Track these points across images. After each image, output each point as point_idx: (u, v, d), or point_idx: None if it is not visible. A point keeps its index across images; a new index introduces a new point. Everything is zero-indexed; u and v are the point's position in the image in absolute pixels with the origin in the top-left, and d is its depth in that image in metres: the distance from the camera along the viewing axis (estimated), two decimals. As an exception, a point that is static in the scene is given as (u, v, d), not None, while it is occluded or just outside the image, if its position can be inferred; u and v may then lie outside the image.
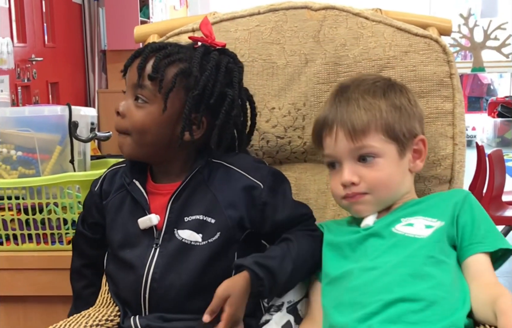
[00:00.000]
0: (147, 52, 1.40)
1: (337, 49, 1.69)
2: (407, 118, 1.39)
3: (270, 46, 1.72)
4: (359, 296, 1.25)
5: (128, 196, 1.47)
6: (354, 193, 1.36)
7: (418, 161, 1.42)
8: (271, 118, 1.71)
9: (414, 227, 1.32)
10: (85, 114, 2.04)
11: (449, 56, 1.65)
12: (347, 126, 1.35)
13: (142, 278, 1.39)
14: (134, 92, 1.40)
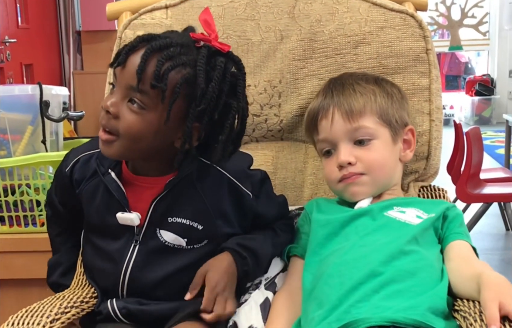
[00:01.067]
0: (147, 52, 1.23)
1: (312, 25, 1.67)
2: (398, 106, 1.44)
3: (245, 22, 1.70)
4: (347, 270, 1.25)
5: (103, 185, 1.38)
6: (352, 173, 1.38)
7: (408, 151, 1.47)
8: (247, 95, 1.67)
9: (405, 214, 1.35)
10: (56, 93, 2.01)
11: (425, 31, 1.64)
12: (344, 107, 1.39)
13: (121, 272, 1.35)
14: (128, 93, 1.25)
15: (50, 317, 1.25)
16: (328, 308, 1.21)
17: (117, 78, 1.28)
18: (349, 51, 1.64)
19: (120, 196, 1.35)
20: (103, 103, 1.26)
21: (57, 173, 1.49)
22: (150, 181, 1.35)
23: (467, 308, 1.20)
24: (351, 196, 1.41)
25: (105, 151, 1.29)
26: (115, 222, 1.35)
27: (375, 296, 1.19)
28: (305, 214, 1.51)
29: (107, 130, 1.27)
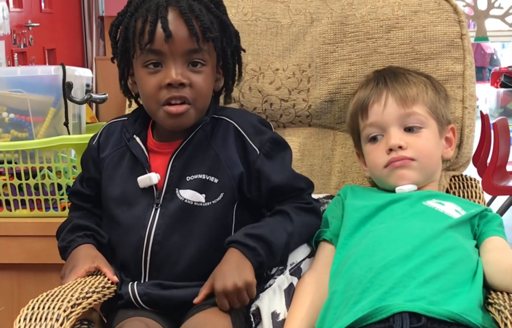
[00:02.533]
0: (187, 12, 1.31)
1: (344, 8, 1.63)
2: (444, 103, 1.47)
3: (274, 4, 1.66)
4: (379, 251, 1.24)
5: (128, 152, 1.42)
6: (402, 156, 1.38)
7: (449, 149, 1.49)
8: (275, 80, 1.65)
9: (444, 206, 1.34)
10: (80, 75, 1.98)
11: (460, 16, 1.60)
12: (398, 93, 1.41)
13: (144, 240, 1.35)
14: (187, 58, 1.32)
15: (71, 302, 1.22)
16: (359, 290, 1.20)
17: (164, 52, 1.31)
18: (381, 36, 1.60)
19: (143, 159, 1.39)
20: (168, 80, 1.30)
21: (83, 155, 1.51)
22: (171, 146, 1.39)
23: (502, 301, 1.18)
24: (397, 179, 1.39)
25: (181, 123, 1.35)
26: (135, 188, 1.38)
27: (411, 283, 1.17)
28: (338, 198, 1.49)
29: (179, 102, 1.32)
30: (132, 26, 1.34)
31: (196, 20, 1.31)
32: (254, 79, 1.65)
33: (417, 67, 1.57)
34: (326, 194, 1.63)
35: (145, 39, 1.31)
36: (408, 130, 1.40)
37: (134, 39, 1.34)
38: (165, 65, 1.32)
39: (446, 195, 1.47)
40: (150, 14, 1.31)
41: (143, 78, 1.34)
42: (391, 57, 1.59)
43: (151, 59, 1.32)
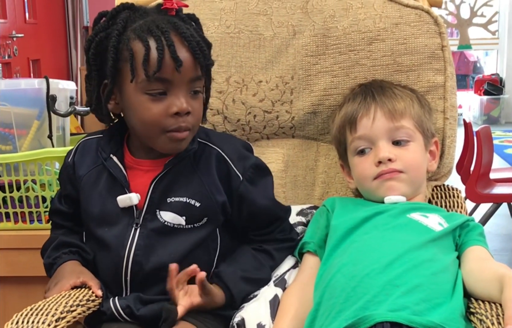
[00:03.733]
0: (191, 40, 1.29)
1: (326, 20, 1.64)
2: (429, 117, 1.51)
3: (257, 17, 1.67)
4: (363, 260, 1.25)
5: (105, 172, 1.39)
6: (392, 168, 1.40)
7: (433, 162, 1.51)
8: (258, 91, 1.66)
9: (428, 219, 1.36)
10: (63, 88, 1.98)
11: (441, 28, 1.61)
12: (386, 107, 1.43)
13: (123, 259, 1.34)
14: (190, 86, 1.30)
15: (55, 316, 1.22)
16: (343, 299, 1.20)
17: (172, 81, 1.27)
18: (363, 48, 1.61)
19: (122, 178, 1.36)
20: (176, 109, 1.28)
21: (60, 172, 1.50)
22: (149, 164, 1.37)
23: (484, 311, 1.18)
24: (386, 190, 1.41)
25: (180, 148, 1.34)
26: (114, 207, 1.36)
27: (394, 291, 1.17)
28: (323, 209, 1.50)
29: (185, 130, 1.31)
30: (128, 50, 1.28)
31: (197, 46, 1.29)
32: (238, 91, 1.66)
33: (399, 79, 1.58)
34: (310, 205, 1.64)
35: (153, 67, 1.25)
36: (396, 143, 1.42)
37: (135, 64, 1.27)
38: (171, 93, 1.28)
39: (431, 206, 1.49)
40: (151, 38, 1.26)
41: (143, 104, 1.29)
42: (373, 69, 1.60)
43: (157, 88, 1.28)
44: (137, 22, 1.30)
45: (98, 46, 1.32)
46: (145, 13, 1.33)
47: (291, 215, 1.55)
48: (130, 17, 1.31)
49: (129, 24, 1.30)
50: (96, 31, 1.33)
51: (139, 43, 1.26)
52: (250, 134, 1.68)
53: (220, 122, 1.67)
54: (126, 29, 1.29)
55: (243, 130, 1.68)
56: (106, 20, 1.33)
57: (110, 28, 1.31)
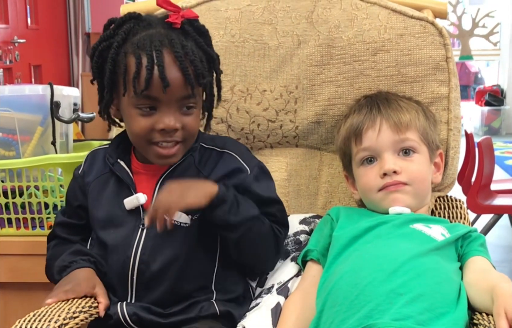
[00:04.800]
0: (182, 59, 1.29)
1: (330, 30, 1.64)
2: (434, 129, 1.51)
3: (262, 26, 1.67)
4: (367, 268, 1.26)
5: (113, 177, 1.43)
6: (396, 181, 1.41)
7: (437, 174, 1.52)
8: (262, 100, 1.66)
9: (431, 229, 1.36)
10: (67, 94, 1.98)
11: (445, 39, 1.61)
12: (392, 120, 1.43)
13: (130, 259, 1.36)
14: (181, 104, 1.32)
15: (58, 322, 1.23)
16: (346, 307, 1.21)
17: (160, 99, 1.30)
18: (368, 58, 1.61)
19: (128, 180, 1.40)
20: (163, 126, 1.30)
21: (69, 187, 1.52)
22: (156, 168, 1.40)
23: (487, 322, 1.18)
24: (391, 202, 1.41)
25: (170, 162, 1.37)
26: (121, 210, 1.39)
27: (398, 300, 1.18)
28: (327, 218, 1.50)
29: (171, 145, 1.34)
30: (123, 63, 1.31)
31: (190, 65, 1.30)
32: (242, 100, 1.66)
33: (403, 90, 1.59)
34: (313, 214, 1.64)
35: (142, 85, 1.28)
36: (401, 155, 1.43)
37: (127, 79, 1.31)
38: (159, 110, 1.31)
39: (434, 218, 1.48)
40: (144, 55, 1.28)
41: (134, 117, 1.33)
42: (377, 79, 1.60)
43: (146, 104, 1.31)
44: (138, 34, 1.32)
45: (101, 55, 1.36)
46: (149, 24, 1.34)
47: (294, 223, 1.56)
48: (133, 29, 1.33)
49: (130, 37, 1.32)
50: (101, 39, 1.37)
51: (133, 58, 1.29)
52: (253, 143, 1.68)
53: (224, 130, 1.67)
54: (126, 42, 1.32)
55: (247, 139, 1.68)
56: (111, 29, 1.35)
57: (114, 38, 1.34)
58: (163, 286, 1.35)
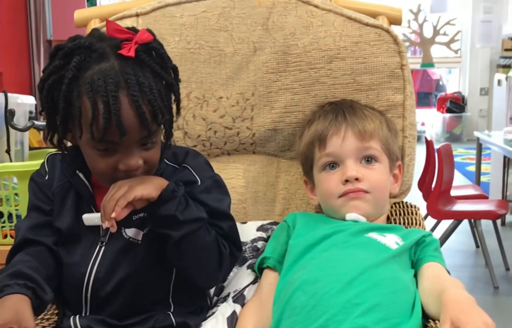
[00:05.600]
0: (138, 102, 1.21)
1: (286, 38, 1.64)
2: (395, 140, 1.53)
3: (218, 33, 1.66)
4: (324, 278, 1.26)
5: (72, 189, 1.38)
6: (358, 188, 1.41)
7: (395, 185, 1.54)
8: (219, 107, 1.65)
9: (386, 238, 1.36)
10: (22, 102, 1.96)
11: (400, 47, 1.62)
12: (357, 127, 1.45)
13: (84, 276, 1.33)
14: (140, 143, 1.26)
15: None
16: (303, 317, 1.21)
17: (117, 142, 1.23)
18: (323, 66, 1.62)
19: (88, 196, 1.36)
20: (124, 167, 1.25)
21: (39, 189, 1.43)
22: None
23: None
24: (350, 209, 1.42)
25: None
26: (80, 225, 1.32)
27: (354, 310, 1.18)
28: (284, 225, 1.50)
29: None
30: (77, 106, 1.22)
31: (148, 104, 1.23)
32: (198, 107, 1.66)
33: (359, 98, 1.59)
34: (270, 221, 1.64)
35: (99, 132, 1.21)
36: (363, 163, 1.44)
37: (82, 122, 1.23)
38: (119, 151, 1.25)
39: (389, 226, 1.49)
40: (100, 101, 1.20)
41: (93, 157, 1.27)
42: (333, 87, 1.61)
43: (104, 147, 1.24)
44: (90, 69, 1.22)
45: (50, 89, 1.26)
46: (101, 56, 1.24)
47: (251, 230, 1.55)
48: (84, 61, 1.23)
49: (82, 72, 1.23)
50: (49, 72, 1.27)
51: (87, 102, 1.21)
52: (210, 150, 1.68)
53: (181, 137, 1.67)
54: (78, 78, 1.23)
55: (204, 146, 1.67)
56: (60, 60, 1.25)
57: (64, 69, 1.24)
58: (119, 301, 1.33)
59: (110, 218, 1.20)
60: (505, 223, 4.64)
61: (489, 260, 3.63)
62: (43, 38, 5.77)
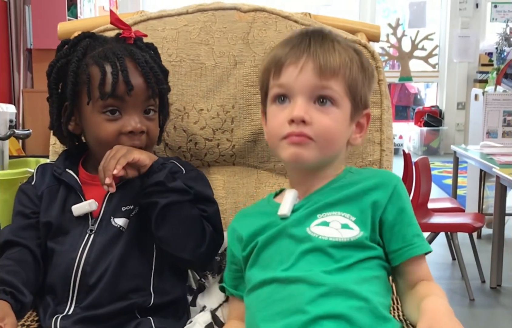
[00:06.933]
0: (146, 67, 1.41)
1: (266, 51, 1.66)
2: (367, 84, 1.31)
3: (199, 46, 1.69)
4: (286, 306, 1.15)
5: (61, 187, 1.45)
6: (302, 132, 1.22)
7: (358, 136, 1.33)
8: (199, 119, 1.67)
9: (329, 227, 1.21)
10: (3, 111, 1.96)
11: (378, 62, 1.66)
12: (318, 61, 1.23)
13: (74, 261, 1.37)
14: (144, 106, 1.43)
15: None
16: None
17: (125, 100, 1.39)
18: (302, 79, 1.63)
19: (77, 187, 1.44)
20: (130, 128, 1.39)
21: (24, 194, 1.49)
22: None
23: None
24: (291, 156, 1.24)
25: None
26: (70, 217, 1.41)
27: None
28: (229, 244, 1.39)
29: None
30: (85, 73, 1.39)
31: (150, 71, 1.42)
32: (179, 119, 1.68)
33: (336, 111, 1.60)
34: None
35: (107, 90, 1.37)
36: (317, 104, 1.23)
37: (91, 87, 1.38)
38: (125, 112, 1.40)
39: (332, 197, 1.26)
40: (107, 64, 1.37)
41: (100, 124, 1.40)
42: (311, 100, 1.63)
43: (112, 106, 1.39)
44: (96, 49, 1.41)
45: (59, 71, 1.45)
46: (105, 41, 1.45)
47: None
48: (90, 45, 1.43)
49: (89, 51, 1.42)
50: (58, 57, 1.45)
51: (96, 68, 1.39)
52: (191, 161, 1.69)
53: (161, 148, 1.68)
54: (85, 56, 1.41)
55: (184, 157, 1.69)
56: (67, 48, 1.44)
57: (71, 55, 1.42)
58: (101, 284, 1.35)
59: (110, 175, 1.31)
60: (481, 236, 4.68)
61: (465, 273, 3.66)
62: (23, 47, 5.76)
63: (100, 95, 1.37)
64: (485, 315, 3.45)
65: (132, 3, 8.40)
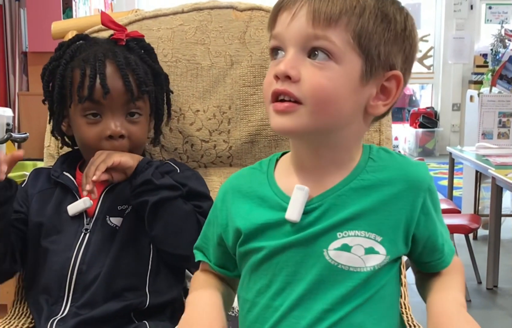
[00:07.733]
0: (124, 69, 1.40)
1: (263, 51, 1.66)
2: (393, 39, 1.00)
3: (194, 46, 1.68)
4: None
5: (57, 189, 1.46)
6: (286, 90, 0.98)
7: (380, 103, 1.03)
8: (196, 121, 1.67)
9: (351, 253, 1.01)
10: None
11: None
12: (313, 5, 0.97)
13: (70, 260, 1.37)
14: (125, 109, 1.42)
15: None
16: None
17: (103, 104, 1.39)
18: (299, 80, 1.62)
19: (73, 188, 1.45)
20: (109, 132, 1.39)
21: None
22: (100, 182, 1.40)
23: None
24: (275, 128, 1.02)
25: None
26: (65, 217, 1.42)
27: None
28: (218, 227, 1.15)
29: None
30: (69, 76, 1.41)
31: (132, 73, 1.41)
32: (175, 120, 1.67)
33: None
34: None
35: (85, 93, 1.38)
36: (311, 58, 0.98)
37: (72, 90, 1.41)
38: (104, 116, 1.40)
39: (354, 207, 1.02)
40: (88, 67, 1.39)
41: (82, 127, 1.41)
42: (309, 101, 1.62)
43: (90, 109, 1.40)
44: (84, 52, 1.43)
45: (50, 74, 1.46)
46: (96, 43, 1.46)
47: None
48: (80, 47, 1.45)
49: (77, 54, 1.43)
50: (50, 60, 1.47)
51: (77, 71, 1.40)
52: (187, 163, 1.69)
53: (157, 150, 1.68)
54: (73, 59, 1.43)
55: (181, 159, 1.68)
56: (60, 50, 1.47)
57: (62, 57, 1.44)
58: (97, 282, 1.36)
59: (90, 182, 1.32)
60: (477, 237, 4.68)
61: (462, 273, 3.66)
62: (18, 50, 5.74)
63: (78, 98, 1.39)
64: (482, 316, 3.45)
65: (127, 5, 8.39)
